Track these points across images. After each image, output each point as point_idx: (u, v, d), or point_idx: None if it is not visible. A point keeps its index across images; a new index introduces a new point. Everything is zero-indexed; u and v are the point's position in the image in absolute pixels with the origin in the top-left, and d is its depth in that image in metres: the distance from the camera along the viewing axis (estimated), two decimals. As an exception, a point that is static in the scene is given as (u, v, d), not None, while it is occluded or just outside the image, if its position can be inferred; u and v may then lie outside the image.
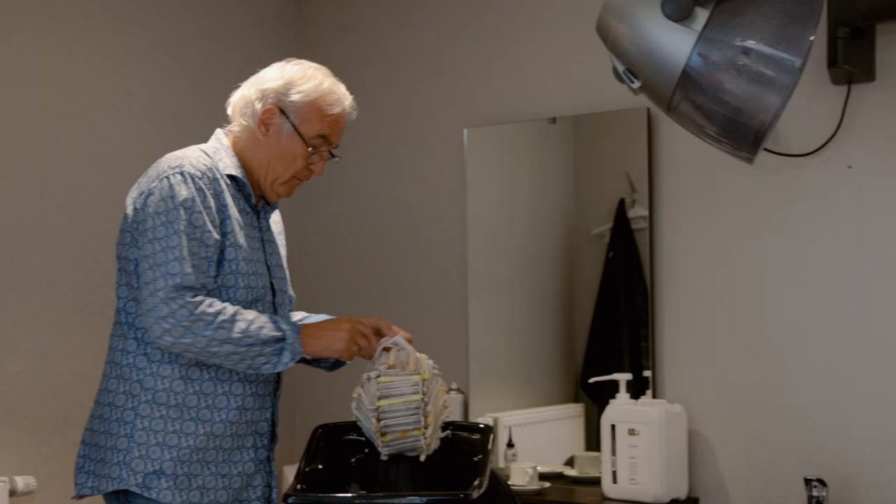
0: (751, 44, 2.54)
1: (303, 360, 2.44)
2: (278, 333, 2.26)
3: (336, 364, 2.54)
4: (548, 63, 3.68)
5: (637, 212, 3.52)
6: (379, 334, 2.42)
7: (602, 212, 3.63)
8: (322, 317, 2.53)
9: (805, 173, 3.19)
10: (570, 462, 3.61)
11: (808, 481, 2.98)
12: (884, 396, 3.05)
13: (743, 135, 2.64)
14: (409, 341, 2.42)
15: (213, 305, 2.21)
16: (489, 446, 2.43)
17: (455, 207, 3.87)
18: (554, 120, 3.68)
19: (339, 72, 2.47)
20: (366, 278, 4.10)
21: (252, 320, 2.24)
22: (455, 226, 3.87)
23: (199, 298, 2.20)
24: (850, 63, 3.00)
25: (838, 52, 2.98)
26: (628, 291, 3.56)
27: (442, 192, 3.92)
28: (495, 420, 3.66)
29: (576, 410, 3.69)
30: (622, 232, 3.57)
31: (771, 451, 3.22)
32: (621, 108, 3.46)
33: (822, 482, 2.96)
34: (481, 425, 2.56)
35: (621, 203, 3.56)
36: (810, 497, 2.98)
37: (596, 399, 3.50)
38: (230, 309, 2.23)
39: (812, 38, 2.53)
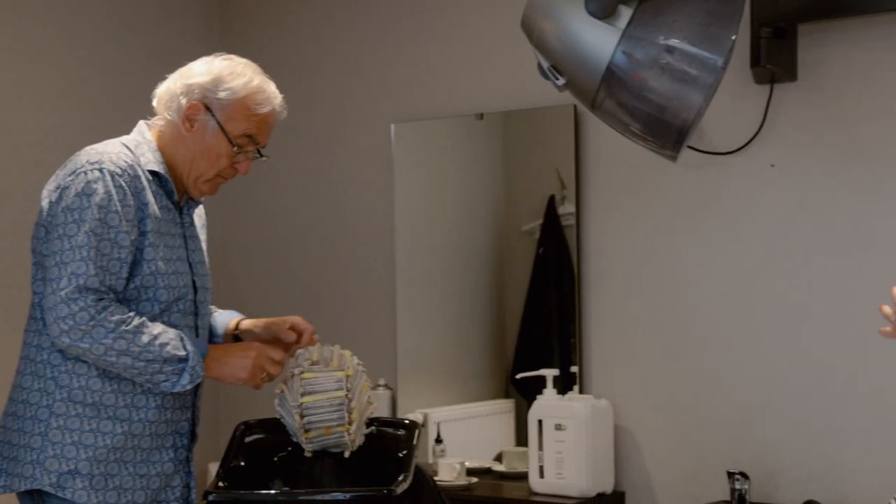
0: (674, 42, 2.57)
1: None
2: (181, 353, 2.20)
3: None
4: (476, 59, 3.69)
5: (567, 208, 3.54)
6: (288, 348, 2.40)
7: (532, 208, 3.65)
8: (232, 314, 2.50)
9: (729, 171, 3.23)
10: (499, 458, 3.62)
11: (731, 475, 3.02)
12: (806, 392, 3.11)
13: (666, 133, 2.67)
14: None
15: (116, 313, 2.14)
16: (414, 442, 2.43)
17: (382, 203, 3.86)
18: (481, 116, 3.69)
19: (264, 66, 2.43)
20: (292, 273, 4.07)
21: (157, 335, 2.18)
22: (382, 221, 3.86)
23: (103, 303, 2.14)
24: (773, 63, 3.04)
25: (761, 52, 3.02)
26: (558, 287, 3.58)
27: (369, 188, 3.91)
28: (425, 416, 3.66)
29: (506, 406, 3.70)
30: (552, 228, 3.59)
31: (695, 446, 3.26)
32: (549, 104, 3.47)
33: (744, 475, 3.01)
34: (406, 421, 2.56)
35: (551, 199, 3.58)
36: (733, 490, 3.02)
37: (526, 395, 3.51)
38: (136, 320, 2.16)
39: (734, 37, 2.56)
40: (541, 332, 3.65)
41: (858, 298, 3.03)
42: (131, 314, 2.17)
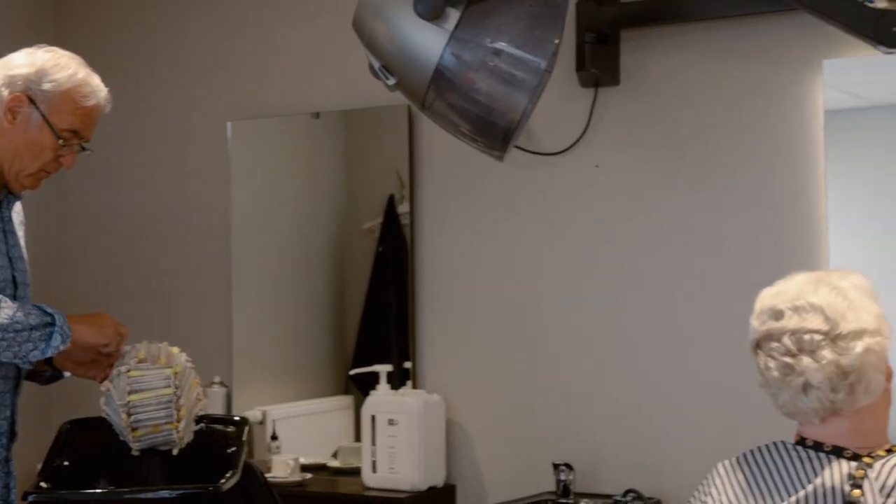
0: (500, 45, 2.63)
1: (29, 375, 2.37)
2: (47, 318, 2.18)
3: (52, 378, 2.44)
4: (312, 58, 3.71)
5: (406, 207, 3.58)
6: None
7: (373, 207, 3.68)
8: None
9: (556, 171, 3.33)
10: (337, 454, 3.64)
11: (556, 466, 3.11)
12: (626, 385, 3.22)
13: (493, 133, 2.73)
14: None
15: None
16: (244, 438, 2.43)
17: (219, 200, 3.84)
18: (317, 115, 3.70)
19: (100, 60, 2.40)
20: (128, 271, 4.01)
21: (17, 307, 2.16)
22: (219, 219, 3.84)
23: None
24: (597, 67, 3.15)
25: (586, 56, 3.13)
26: (397, 285, 3.62)
27: (205, 186, 3.88)
28: (264, 413, 3.66)
29: (346, 402, 3.72)
30: (392, 227, 3.63)
31: (524, 438, 3.35)
32: (385, 104, 3.50)
33: (569, 466, 3.10)
34: (236, 418, 2.56)
35: (391, 198, 3.62)
36: (558, 481, 3.11)
37: (365, 391, 3.54)
38: None
39: (557, 41, 2.64)
40: (380, 329, 3.68)
41: (678, 294, 3.16)
42: None
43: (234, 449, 2.41)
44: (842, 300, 1.78)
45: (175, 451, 2.39)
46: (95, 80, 2.34)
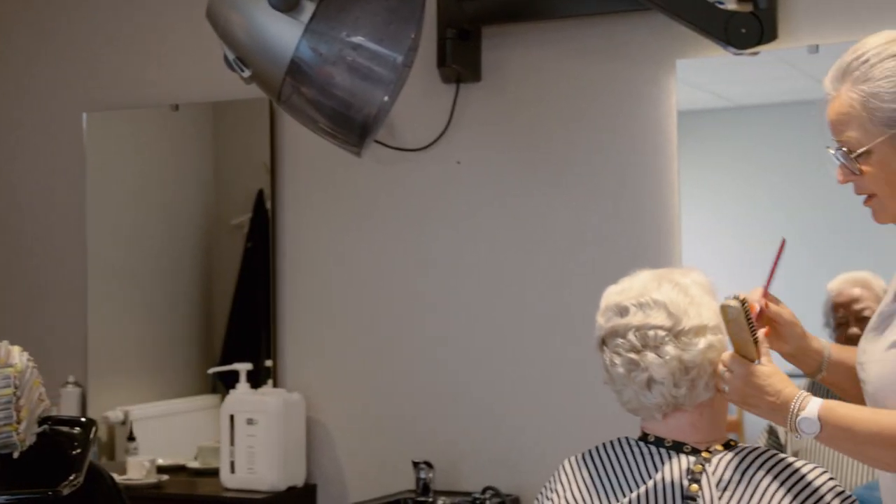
0: (358, 39, 2.61)
1: None
2: None
3: None
4: (170, 47, 3.62)
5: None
6: None
7: (241, 202, 3.63)
8: None
9: (419, 167, 3.31)
10: (197, 455, 3.57)
11: (416, 464, 3.10)
12: (486, 383, 3.22)
13: (350, 128, 2.72)
14: None
15: None
16: (90, 439, 2.37)
17: (73, 194, 3.72)
18: (177, 107, 3.63)
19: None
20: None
21: None
22: (73, 213, 3.72)
23: None
24: (458, 63, 3.14)
25: (447, 53, 3.12)
26: (265, 282, 3.57)
27: (60, 178, 3.76)
28: (126, 413, 3.57)
29: (213, 401, 3.65)
30: (261, 222, 3.57)
31: (385, 437, 3.32)
32: (249, 96, 3.43)
33: (428, 464, 3.09)
34: (82, 419, 2.48)
35: (260, 194, 3.56)
36: (418, 479, 3.10)
37: (232, 390, 3.49)
38: None
39: (413, 35, 2.64)
40: (248, 327, 3.63)
41: (537, 291, 3.18)
42: None
43: (79, 451, 2.34)
44: (684, 297, 1.80)
45: (15, 454, 2.30)
46: None
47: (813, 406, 1.69)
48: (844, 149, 1.73)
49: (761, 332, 1.77)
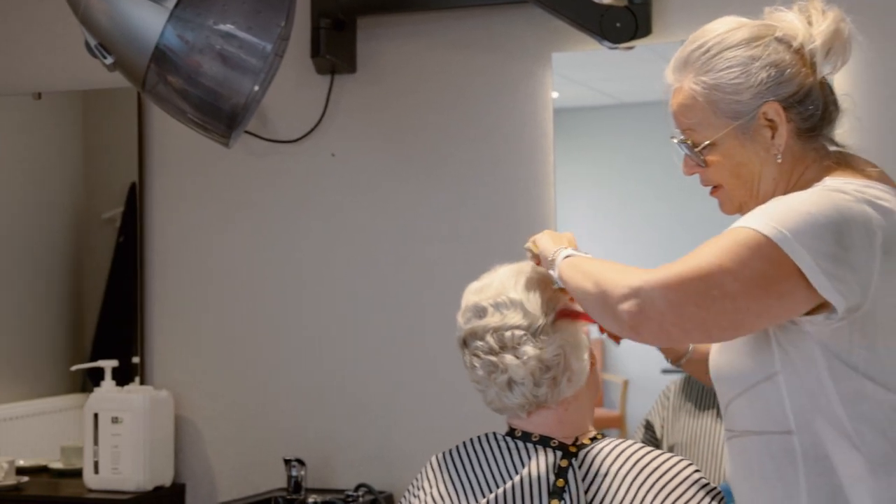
0: (227, 27, 2.53)
1: None
2: None
3: None
4: (31, 34, 3.48)
5: (150, 196, 3.44)
6: None
7: (113, 195, 3.51)
8: None
9: (292, 159, 3.25)
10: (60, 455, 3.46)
11: (287, 462, 3.04)
12: (359, 379, 3.17)
13: (218, 118, 2.63)
14: None
15: None
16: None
17: (-70, 185, 3.57)
18: (39, 95, 3.49)
19: None
20: None
21: None
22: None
23: None
24: (333, 53, 3.08)
25: (321, 43, 3.06)
26: (138, 277, 3.46)
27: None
28: (-13, 414, 3.44)
29: (82, 401, 3.52)
30: (133, 216, 3.46)
31: (256, 435, 3.25)
32: (117, 85, 3.32)
33: (301, 462, 3.03)
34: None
35: (133, 187, 3.45)
36: (290, 477, 3.03)
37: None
38: None
39: (282, 24, 2.56)
40: (119, 324, 3.51)
41: (411, 285, 3.14)
42: None
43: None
44: (542, 292, 1.77)
45: None
46: None
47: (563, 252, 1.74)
48: (689, 141, 1.69)
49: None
